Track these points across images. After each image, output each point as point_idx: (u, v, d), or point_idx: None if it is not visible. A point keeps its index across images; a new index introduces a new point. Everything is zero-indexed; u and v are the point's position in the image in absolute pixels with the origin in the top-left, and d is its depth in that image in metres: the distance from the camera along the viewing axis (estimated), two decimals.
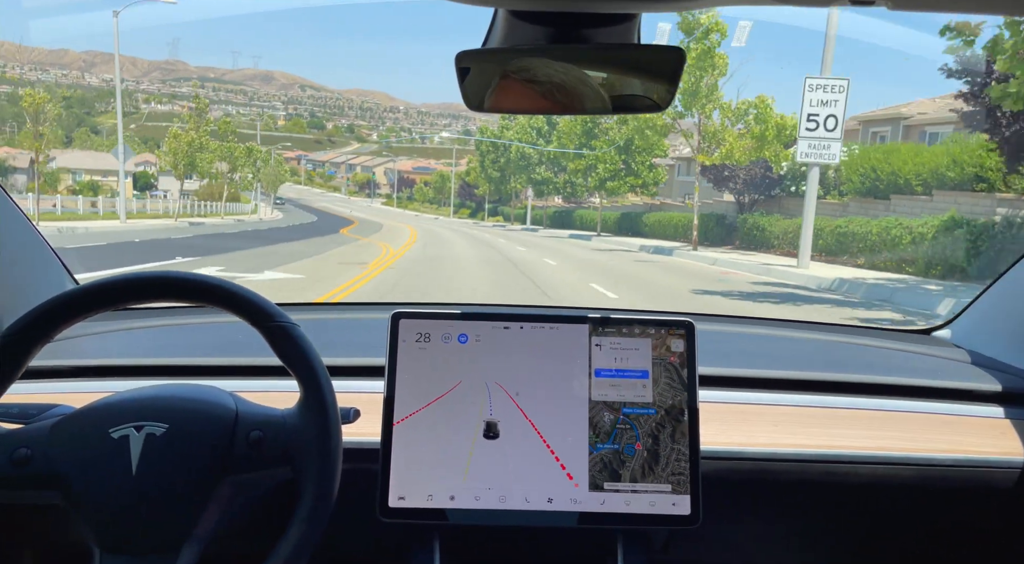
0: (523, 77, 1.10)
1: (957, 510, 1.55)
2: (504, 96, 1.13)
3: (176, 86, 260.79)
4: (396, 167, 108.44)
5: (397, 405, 1.26)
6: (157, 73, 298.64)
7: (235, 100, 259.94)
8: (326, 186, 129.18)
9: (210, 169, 39.56)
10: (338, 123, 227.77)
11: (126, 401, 1.09)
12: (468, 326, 1.30)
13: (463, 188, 68.81)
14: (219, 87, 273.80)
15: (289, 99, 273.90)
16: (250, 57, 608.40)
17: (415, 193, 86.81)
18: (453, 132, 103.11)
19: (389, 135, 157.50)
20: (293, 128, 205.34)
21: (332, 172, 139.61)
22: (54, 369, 1.51)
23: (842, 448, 1.43)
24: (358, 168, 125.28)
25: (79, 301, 1.07)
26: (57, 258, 1.78)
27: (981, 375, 1.69)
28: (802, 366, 1.67)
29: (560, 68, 1.09)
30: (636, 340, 1.31)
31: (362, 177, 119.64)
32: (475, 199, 63.49)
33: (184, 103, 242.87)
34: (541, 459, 1.27)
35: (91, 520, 1.01)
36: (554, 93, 1.11)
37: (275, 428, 1.07)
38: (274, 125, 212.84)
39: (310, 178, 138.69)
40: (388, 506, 1.24)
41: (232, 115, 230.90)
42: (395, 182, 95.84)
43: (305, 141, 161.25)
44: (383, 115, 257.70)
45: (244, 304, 1.08)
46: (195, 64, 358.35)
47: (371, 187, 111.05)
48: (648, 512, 1.26)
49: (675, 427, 1.28)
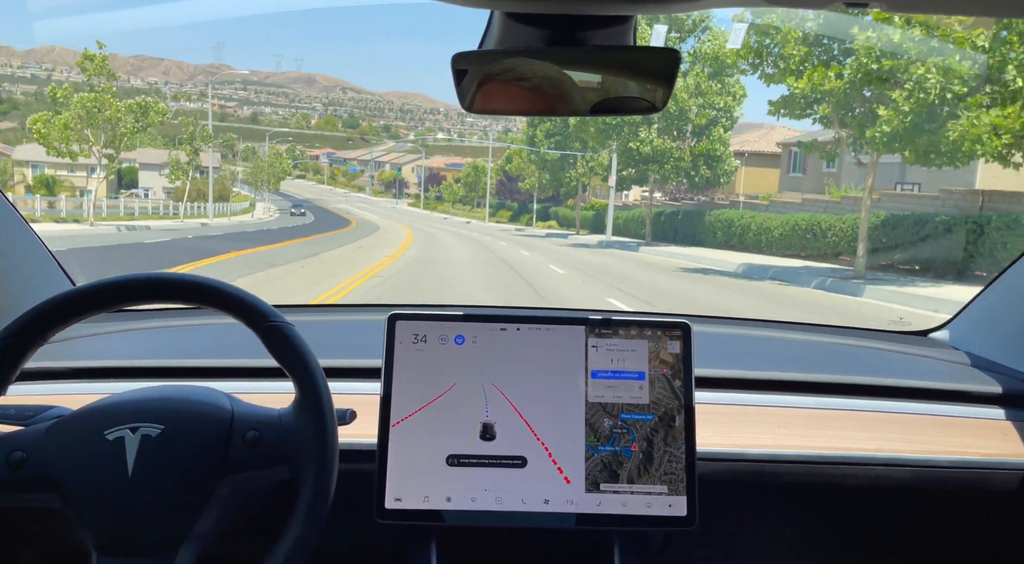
0: (515, 78, 1.10)
1: (955, 512, 1.55)
2: (496, 97, 1.13)
3: (219, 89, 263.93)
4: (426, 163, 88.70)
5: (394, 407, 1.27)
6: (201, 76, 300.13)
7: (276, 101, 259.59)
8: (350, 185, 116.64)
9: (133, 143, 30.74)
10: (375, 123, 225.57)
11: (121, 403, 1.09)
12: (465, 328, 1.31)
13: (502, 184, 57.69)
14: (261, 90, 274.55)
15: (330, 101, 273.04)
16: (293, 60, 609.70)
17: (443, 191, 72.16)
18: (493, 132, 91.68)
19: (426, 134, 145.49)
20: (325, 126, 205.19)
21: (355, 169, 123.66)
22: (51, 370, 1.51)
23: (840, 449, 1.43)
24: (387, 166, 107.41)
25: (75, 303, 1.07)
26: (54, 259, 1.78)
27: (978, 376, 1.69)
28: (799, 367, 1.67)
29: (554, 69, 1.10)
30: (632, 342, 1.31)
31: (389, 175, 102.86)
32: (518, 197, 52.45)
33: (216, 101, 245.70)
34: (538, 461, 1.27)
35: (88, 522, 1.01)
36: (548, 94, 1.11)
37: (271, 428, 1.07)
38: (307, 124, 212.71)
39: (333, 176, 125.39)
40: (384, 508, 1.24)
41: (264, 114, 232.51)
42: (423, 180, 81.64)
43: (336, 139, 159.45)
44: (423, 117, 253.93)
45: (239, 305, 1.08)
46: (240, 68, 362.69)
47: (398, 186, 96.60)
48: (645, 513, 1.26)
49: (670, 427, 1.28)
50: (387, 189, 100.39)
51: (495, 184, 57.97)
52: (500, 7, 1.05)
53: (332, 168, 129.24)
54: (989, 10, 1.12)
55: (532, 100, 1.13)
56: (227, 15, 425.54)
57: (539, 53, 1.10)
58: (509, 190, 56.31)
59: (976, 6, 1.11)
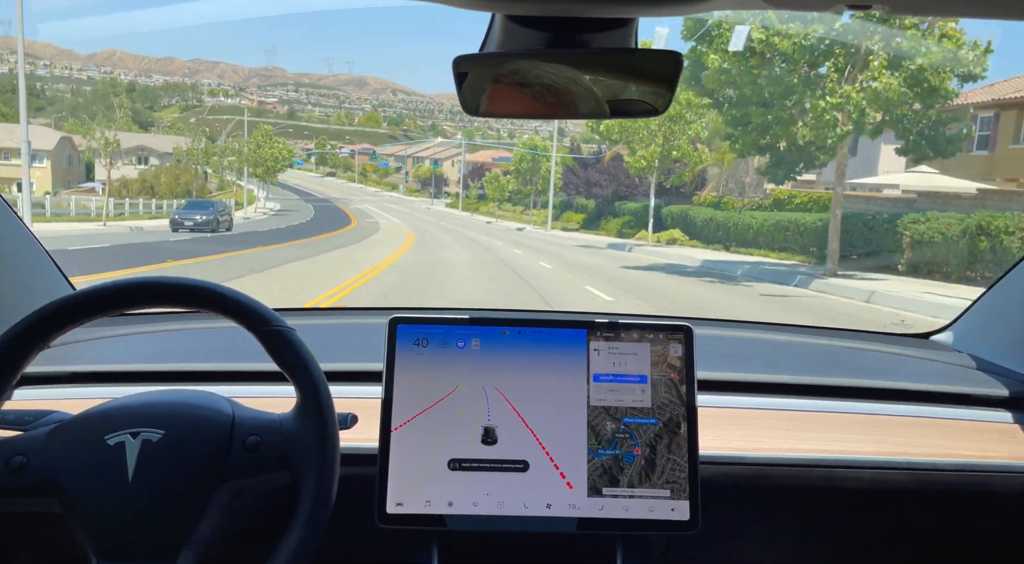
0: (517, 81, 1.10)
1: (957, 515, 1.54)
2: (499, 100, 1.13)
3: (271, 91, 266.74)
4: (470, 157, 69.63)
5: (395, 411, 1.26)
6: (255, 79, 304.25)
7: (326, 103, 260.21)
8: (383, 183, 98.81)
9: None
10: (421, 122, 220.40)
11: (121, 408, 1.09)
12: (466, 331, 1.30)
13: (571, 175, 39.97)
14: (312, 91, 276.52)
15: (379, 102, 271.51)
16: (344, 62, 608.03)
17: (487, 186, 53.63)
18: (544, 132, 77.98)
19: (475, 132, 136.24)
20: (367, 122, 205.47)
21: (385, 164, 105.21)
22: (51, 375, 1.51)
23: (841, 453, 1.43)
24: (426, 161, 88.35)
25: (75, 307, 1.07)
26: (54, 264, 1.78)
27: (980, 379, 1.69)
28: (801, 370, 1.67)
29: (556, 72, 1.09)
30: (635, 345, 1.31)
31: (426, 171, 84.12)
32: (598, 192, 36.90)
33: (254, 97, 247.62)
34: (540, 465, 1.26)
35: (88, 527, 1.01)
36: (549, 97, 1.11)
37: (272, 432, 1.07)
38: (350, 121, 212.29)
39: (364, 173, 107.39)
40: (386, 512, 1.24)
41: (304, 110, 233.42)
42: (463, 176, 62.85)
43: (379, 136, 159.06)
44: (472, 117, 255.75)
45: (240, 309, 1.08)
46: (292, 71, 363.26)
47: (435, 183, 78.36)
48: (647, 517, 1.25)
49: (674, 435, 1.28)
50: (423, 187, 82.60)
51: (561, 176, 40.53)
52: (501, 10, 1.05)
53: (363, 163, 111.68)
54: (990, 10, 1.10)
55: (531, 103, 1.12)
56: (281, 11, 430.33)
57: (540, 56, 1.09)
58: (583, 182, 38.83)
59: (976, 6, 1.10)
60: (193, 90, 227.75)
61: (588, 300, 12.31)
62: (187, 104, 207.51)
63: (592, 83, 1.11)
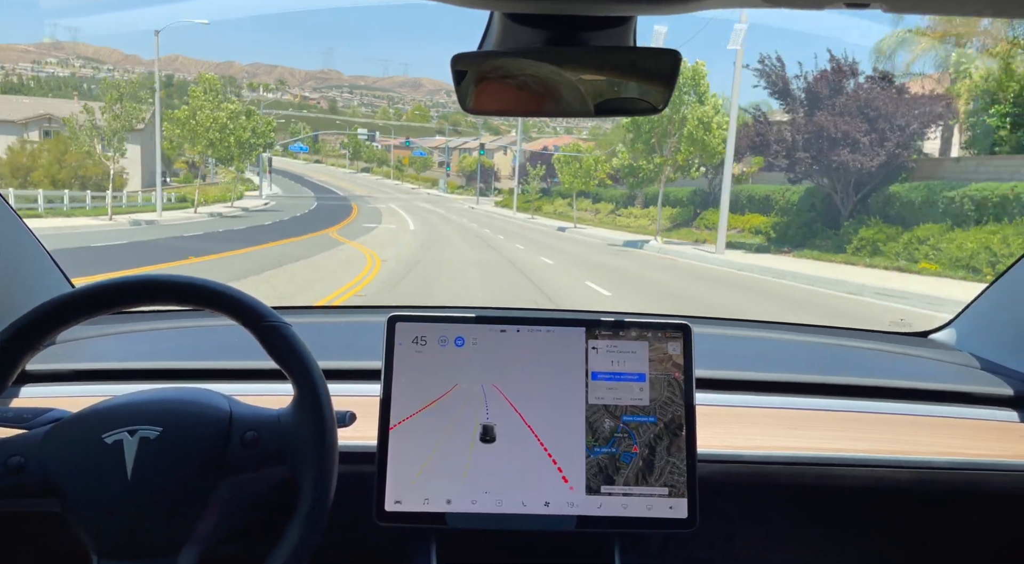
0: (506, 76, 1.10)
1: (956, 513, 1.54)
2: (494, 97, 1.13)
3: (327, 93, 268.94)
4: (528, 147, 54.60)
5: (393, 409, 1.26)
6: (311, 82, 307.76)
7: (378, 105, 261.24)
8: (420, 179, 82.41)
9: None
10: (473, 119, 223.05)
11: (119, 406, 1.08)
12: (465, 329, 1.30)
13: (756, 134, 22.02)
14: (367, 93, 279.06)
15: (433, 104, 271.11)
16: (400, 64, 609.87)
17: (560, 171, 34.75)
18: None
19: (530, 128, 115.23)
20: (415, 117, 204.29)
21: (421, 153, 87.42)
22: (49, 373, 1.51)
23: (840, 451, 1.43)
24: (472, 153, 68.97)
25: (73, 305, 1.07)
26: (53, 262, 1.78)
27: (979, 378, 1.69)
28: (799, 369, 1.67)
29: (553, 71, 1.09)
30: (633, 343, 1.31)
31: (471, 163, 66.76)
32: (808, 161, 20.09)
33: (297, 93, 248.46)
34: (538, 463, 1.26)
35: (87, 526, 1.01)
36: (545, 94, 1.11)
37: (270, 428, 1.07)
38: (398, 117, 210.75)
39: (400, 168, 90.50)
40: (384, 510, 1.24)
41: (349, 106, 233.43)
42: (518, 167, 45.16)
43: (426, 130, 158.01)
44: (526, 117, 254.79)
45: (236, 306, 1.08)
46: (348, 73, 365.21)
47: (481, 176, 61.48)
48: (645, 515, 1.26)
49: (674, 437, 1.28)
50: (469, 182, 67.87)
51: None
52: (499, 8, 1.04)
53: (400, 156, 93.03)
54: (989, 10, 1.07)
55: (529, 101, 1.12)
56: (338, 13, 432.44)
57: (539, 54, 1.09)
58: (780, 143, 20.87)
59: (976, 6, 1.09)
60: (231, 84, 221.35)
61: None
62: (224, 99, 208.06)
63: (590, 81, 1.11)
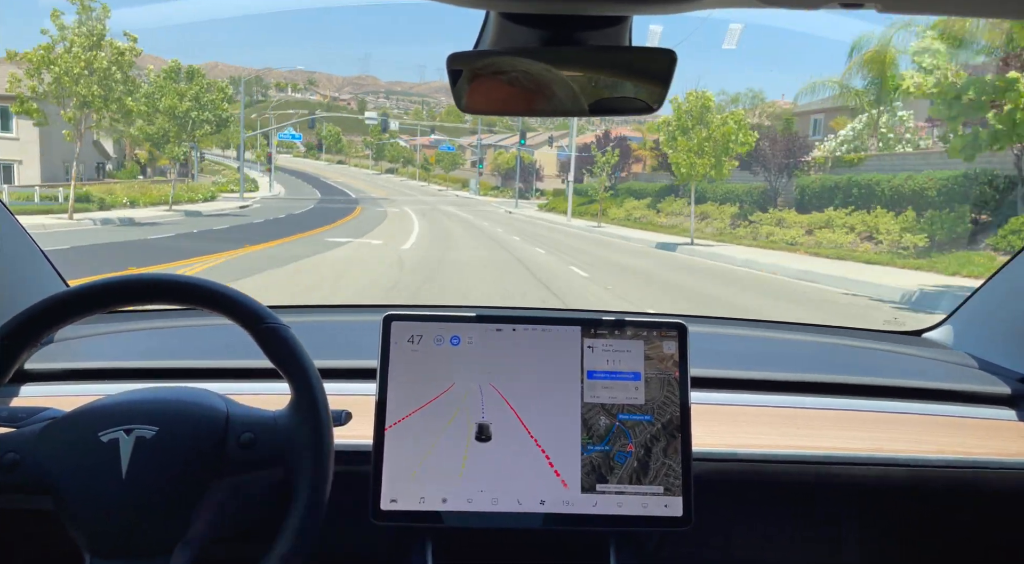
0: (497, 72, 1.09)
1: (950, 511, 1.55)
2: (488, 97, 1.13)
3: (363, 98, 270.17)
4: (579, 140, 41.75)
5: (389, 408, 1.26)
6: (349, 87, 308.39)
7: (413, 108, 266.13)
8: (449, 179, 70.11)
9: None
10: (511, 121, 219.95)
11: (115, 405, 1.08)
12: (460, 328, 1.30)
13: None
14: (403, 99, 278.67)
15: None
16: (436, 70, 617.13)
17: (670, 146, 20.25)
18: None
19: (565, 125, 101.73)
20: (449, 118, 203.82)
21: (449, 148, 75.02)
22: (45, 372, 1.50)
23: (834, 449, 1.43)
24: (510, 149, 56.73)
25: (68, 304, 1.07)
26: (47, 261, 1.78)
27: (973, 376, 1.69)
28: (795, 368, 1.67)
29: (545, 68, 1.09)
30: (628, 342, 1.31)
31: (508, 159, 55.78)
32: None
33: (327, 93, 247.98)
34: (533, 461, 1.26)
35: (82, 525, 1.01)
36: (540, 94, 1.11)
37: (267, 429, 1.07)
38: (432, 117, 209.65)
39: (426, 167, 79.33)
40: (380, 509, 1.24)
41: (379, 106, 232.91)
42: (573, 158, 34.22)
43: (460, 130, 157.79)
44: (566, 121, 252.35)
45: (234, 306, 1.08)
46: (384, 79, 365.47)
47: (525, 176, 51.83)
48: (640, 514, 1.26)
49: (669, 433, 1.28)
50: (505, 182, 57.09)
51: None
52: (495, 7, 1.04)
53: (427, 156, 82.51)
54: (989, 10, 1.05)
55: (523, 99, 1.12)
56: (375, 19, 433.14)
57: (534, 53, 1.09)
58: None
59: (976, 6, 1.09)
60: (258, 83, 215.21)
61: None
62: (251, 99, 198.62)
63: (586, 80, 1.11)
